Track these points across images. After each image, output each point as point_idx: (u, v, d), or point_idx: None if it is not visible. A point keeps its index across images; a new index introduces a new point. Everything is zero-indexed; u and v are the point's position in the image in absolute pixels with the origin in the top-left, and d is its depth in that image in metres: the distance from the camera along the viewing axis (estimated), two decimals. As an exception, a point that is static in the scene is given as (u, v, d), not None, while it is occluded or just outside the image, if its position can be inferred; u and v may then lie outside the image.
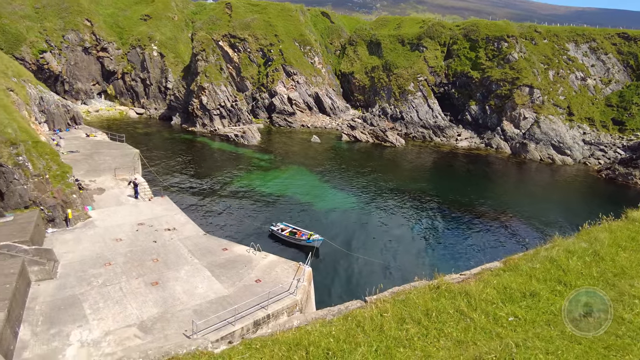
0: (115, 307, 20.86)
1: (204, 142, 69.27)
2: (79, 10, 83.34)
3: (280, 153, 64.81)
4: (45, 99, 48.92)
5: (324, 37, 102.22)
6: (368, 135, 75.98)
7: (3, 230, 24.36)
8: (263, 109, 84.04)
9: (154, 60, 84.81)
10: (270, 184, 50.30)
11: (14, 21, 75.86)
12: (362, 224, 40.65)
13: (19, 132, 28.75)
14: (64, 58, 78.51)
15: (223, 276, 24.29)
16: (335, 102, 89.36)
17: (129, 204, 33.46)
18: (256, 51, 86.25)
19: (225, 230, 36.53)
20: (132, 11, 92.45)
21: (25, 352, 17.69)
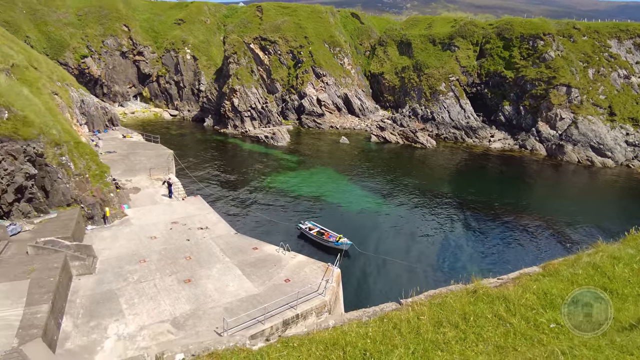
0: (149, 303, 21.47)
1: (235, 143, 70.47)
2: (118, 16, 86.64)
3: (309, 154, 65.07)
4: (85, 102, 51.06)
5: (353, 38, 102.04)
6: (398, 136, 75.19)
7: (48, 226, 25.60)
8: (292, 110, 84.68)
9: (187, 63, 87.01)
10: (298, 185, 50.60)
11: (59, 28, 79.69)
12: (391, 226, 40.23)
13: (62, 134, 30.14)
14: (103, 62, 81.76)
15: (253, 275, 24.59)
16: (365, 103, 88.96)
17: (163, 203, 34.44)
18: (286, 53, 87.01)
19: (255, 229, 36.99)
20: (167, 16, 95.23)
21: (67, 342, 18.49)
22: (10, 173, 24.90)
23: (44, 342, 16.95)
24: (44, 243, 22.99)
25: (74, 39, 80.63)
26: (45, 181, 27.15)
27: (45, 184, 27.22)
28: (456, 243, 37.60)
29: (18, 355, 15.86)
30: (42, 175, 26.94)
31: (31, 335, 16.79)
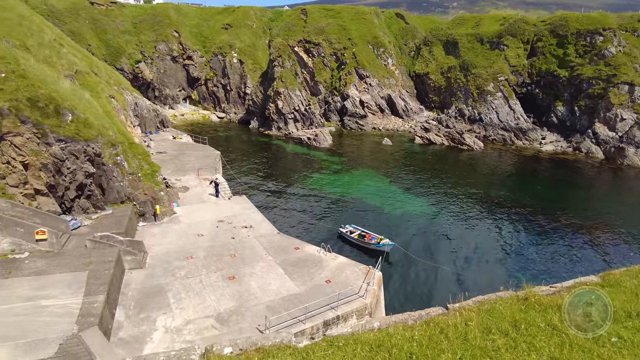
0: (195, 298, 22.23)
1: (279, 144, 71.60)
2: (169, 22, 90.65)
3: (351, 155, 64.91)
4: (139, 105, 53.80)
5: (398, 38, 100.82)
6: (443, 137, 73.38)
7: (103, 222, 27.20)
8: (335, 112, 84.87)
9: (234, 66, 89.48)
10: (340, 186, 50.59)
11: (116, 36, 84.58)
12: (435, 230, 39.29)
13: (117, 135, 31.92)
14: (155, 67, 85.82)
15: (295, 274, 24.84)
16: (409, 104, 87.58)
17: (210, 202, 35.59)
18: (330, 55, 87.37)
19: (296, 229, 37.37)
20: (215, 21, 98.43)
21: (120, 332, 19.52)
22: (72, 171, 26.70)
23: (99, 330, 18.01)
24: (100, 238, 24.43)
25: (129, 45, 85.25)
26: (102, 179, 28.88)
27: (102, 182, 28.94)
28: (504, 249, 36.11)
29: (78, 340, 16.95)
30: (100, 174, 28.67)
31: (89, 323, 17.89)
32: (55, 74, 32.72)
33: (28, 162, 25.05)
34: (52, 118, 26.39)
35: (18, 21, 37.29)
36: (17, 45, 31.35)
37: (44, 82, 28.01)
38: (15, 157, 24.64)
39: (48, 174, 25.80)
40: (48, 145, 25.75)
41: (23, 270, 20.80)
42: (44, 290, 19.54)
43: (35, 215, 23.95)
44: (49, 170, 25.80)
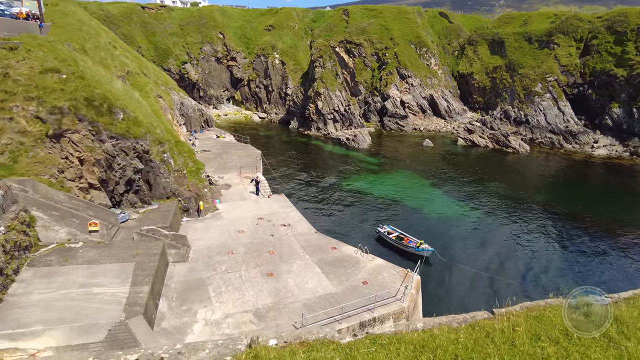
0: (234, 293, 22.75)
1: (318, 144, 71.99)
2: (214, 24, 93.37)
3: (390, 156, 64.18)
4: (185, 104, 55.77)
5: (441, 38, 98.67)
6: (487, 139, 71.05)
7: (150, 216, 28.42)
8: (375, 112, 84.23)
9: (276, 67, 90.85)
10: (378, 187, 50.15)
11: (164, 38, 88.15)
12: (475, 236, 38.10)
13: (165, 133, 33.26)
14: (200, 68, 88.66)
15: (332, 274, 24.88)
16: (451, 105, 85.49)
17: (250, 199, 36.35)
18: (371, 55, 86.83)
19: (333, 229, 37.42)
20: (258, 22, 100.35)
21: (163, 322, 20.32)
22: (122, 167, 28.09)
23: (144, 319, 18.84)
24: (147, 231, 25.53)
25: (176, 47, 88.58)
26: (149, 175, 30.19)
27: (150, 178, 30.26)
28: (550, 258, 34.47)
29: (125, 327, 17.82)
30: (147, 170, 29.98)
31: (134, 311, 18.76)
32: (109, 75, 34.56)
33: (83, 157, 26.61)
34: (106, 116, 27.89)
35: (78, 26, 39.69)
36: (77, 48, 33.37)
37: (99, 83, 29.66)
38: (72, 152, 26.24)
39: (100, 169, 27.29)
40: (101, 142, 27.24)
41: (77, 258, 22.10)
42: (95, 278, 20.68)
43: (88, 207, 25.39)
44: (102, 165, 27.29)
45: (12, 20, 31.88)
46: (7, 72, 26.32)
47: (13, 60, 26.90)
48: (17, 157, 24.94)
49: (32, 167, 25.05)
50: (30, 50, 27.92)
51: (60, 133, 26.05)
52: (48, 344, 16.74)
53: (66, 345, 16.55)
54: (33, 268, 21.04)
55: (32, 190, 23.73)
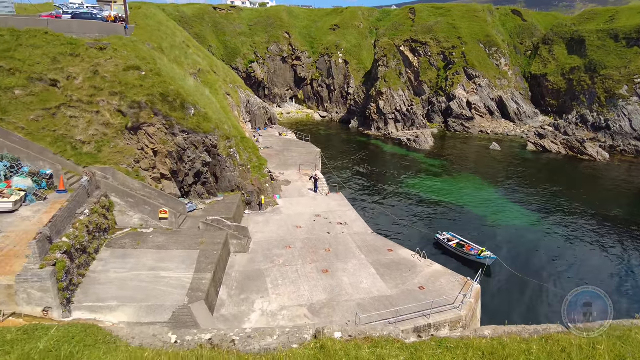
0: (290, 287, 23.27)
1: (378, 144, 71.36)
2: (281, 24, 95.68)
3: (454, 159, 62.01)
4: (250, 102, 57.79)
5: (513, 37, 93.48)
6: (560, 145, 66.33)
7: (215, 207, 29.87)
8: (439, 113, 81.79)
9: (339, 67, 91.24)
10: (439, 191, 48.68)
11: (234, 38, 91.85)
12: (545, 247, 35.76)
13: (232, 129, 34.74)
14: (266, 67, 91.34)
15: (387, 276, 24.63)
16: (522, 107, 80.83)
17: (309, 196, 36.94)
18: (437, 55, 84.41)
19: (390, 231, 36.94)
20: (323, 22, 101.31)
21: (222, 309, 21.29)
22: (192, 160, 29.76)
23: (205, 305, 19.87)
24: (212, 221, 26.86)
25: (244, 46, 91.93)
26: (216, 169, 31.71)
27: (216, 171, 31.78)
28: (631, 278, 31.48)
29: (187, 311, 18.92)
30: (215, 164, 31.50)
31: (197, 297, 19.84)
32: (182, 72, 36.71)
33: (157, 149, 28.54)
34: (178, 111, 29.68)
35: (157, 27, 42.55)
36: (155, 47, 35.80)
37: (174, 80, 31.62)
38: (148, 144, 28.25)
39: (172, 160, 29.12)
40: (174, 136, 29.04)
41: (148, 243, 23.79)
42: (163, 262, 22.15)
43: (160, 196, 27.21)
44: (173, 157, 29.11)
45: (103, 23, 34.91)
46: (96, 70, 28.90)
47: (102, 59, 29.46)
48: (101, 147, 27.32)
49: (113, 156, 27.31)
50: (116, 49, 30.41)
51: (138, 126, 28.15)
52: (121, 319, 18.23)
53: (136, 322, 17.92)
54: (110, 249, 22.97)
55: (112, 177, 25.88)
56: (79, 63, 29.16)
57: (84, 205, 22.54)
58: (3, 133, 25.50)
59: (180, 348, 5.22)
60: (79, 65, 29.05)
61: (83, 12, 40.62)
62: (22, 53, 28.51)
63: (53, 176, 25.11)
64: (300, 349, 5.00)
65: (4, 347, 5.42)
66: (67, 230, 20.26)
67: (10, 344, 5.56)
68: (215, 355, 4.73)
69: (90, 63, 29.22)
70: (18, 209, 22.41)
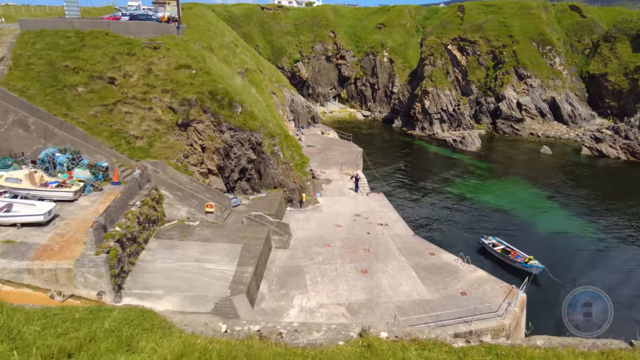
0: (329, 285, 23.39)
1: (421, 145, 70.02)
2: (326, 23, 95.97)
3: (501, 162, 59.71)
4: (294, 101, 58.48)
5: (569, 34, 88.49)
6: (620, 150, 62.12)
7: (258, 203, 30.55)
8: (487, 113, 79.00)
9: (384, 66, 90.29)
10: (484, 194, 47.05)
11: (280, 37, 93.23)
12: (599, 259, 33.68)
13: (276, 127, 35.35)
14: (310, 66, 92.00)
15: (428, 280, 24.19)
16: (577, 109, 76.47)
17: (349, 196, 36.91)
18: (486, 54, 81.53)
19: (432, 233, 36.17)
20: (369, 21, 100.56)
21: (262, 303, 21.76)
22: (238, 156, 30.60)
23: (246, 298, 20.39)
24: (255, 217, 27.50)
25: (290, 45, 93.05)
26: (260, 166, 32.42)
27: (260, 168, 32.48)
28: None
29: (229, 303, 19.50)
30: (259, 161, 32.21)
31: (239, 289, 20.40)
32: (230, 71, 37.77)
33: (205, 145, 29.57)
34: (226, 109, 30.58)
35: (207, 27, 44.01)
36: (205, 46, 37.06)
37: (222, 78, 32.60)
38: (196, 140, 29.34)
39: (219, 157, 30.06)
40: (221, 133, 29.97)
41: (194, 235, 24.73)
42: (207, 254, 22.95)
43: (206, 191, 28.18)
44: (220, 154, 30.04)
45: (157, 23, 36.59)
46: (150, 68, 30.34)
47: (156, 57, 30.90)
48: (153, 142, 28.68)
49: (163, 151, 28.60)
50: (169, 49, 31.78)
51: (187, 122, 29.29)
52: (167, 307, 19.08)
53: (180, 311, 18.67)
54: (158, 240, 24.08)
55: (162, 171, 27.11)
56: (135, 62, 30.75)
57: (136, 197, 23.77)
58: (67, 127, 27.38)
59: (230, 337, 5.43)
60: (134, 64, 30.64)
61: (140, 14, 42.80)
62: (85, 53, 30.46)
63: (108, 168, 26.69)
64: (347, 346, 5.05)
65: (73, 324, 5.95)
66: (120, 220, 21.46)
67: (79, 322, 6.06)
68: (264, 347, 4.88)
69: (145, 62, 30.73)
70: (77, 198, 24.01)
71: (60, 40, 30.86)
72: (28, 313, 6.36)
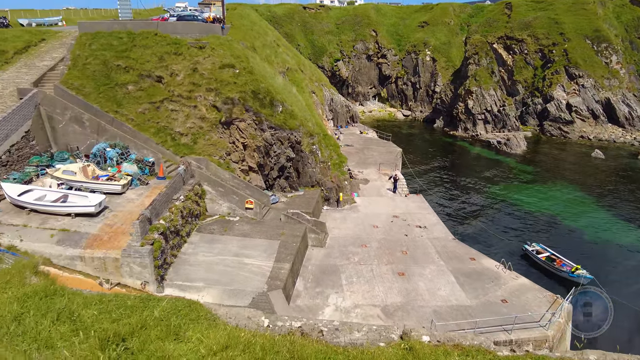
0: (365, 285, 23.30)
1: (463, 146, 68.16)
2: (368, 22, 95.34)
3: (548, 166, 57.07)
4: (334, 100, 58.54)
5: (629, 30, 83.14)
6: (682, 156, 57.76)
7: (296, 201, 30.87)
8: (534, 115, 75.72)
9: (426, 64, 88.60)
10: (529, 199, 45.13)
11: (321, 36, 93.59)
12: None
13: (315, 126, 35.55)
14: (351, 65, 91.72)
15: (467, 286, 23.59)
16: (635, 111, 71.77)
17: (387, 196, 36.54)
18: (534, 52, 78.10)
19: (473, 238, 35.12)
20: (411, 19, 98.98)
21: (298, 299, 21.99)
22: (277, 155, 31.05)
23: (283, 294, 20.69)
24: (292, 214, 27.82)
25: (331, 45, 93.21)
26: (299, 164, 32.72)
27: (299, 166, 32.79)
28: None
29: (266, 298, 19.86)
30: (298, 159, 32.52)
31: (275, 285, 20.73)
32: (272, 71, 38.35)
33: (247, 143, 30.21)
34: (267, 108, 31.09)
35: (250, 27, 44.90)
36: (248, 46, 37.83)
37: (264, 78, 33.16)
38: (238, 138, 30.03)
39: (259, 154, 30.63)
40: (262, 131, 30.51)
41: (234, 230, 25.35)
42: (246, 249, 23.47)
43: (247, 187, 28.81)
44: (260, 152, 30.60)
45: (203, 23, 37.71)
46: (195, 67, 31.36)
47: (201, 57, 31.89)
48: (197, 139, 29.63)
49: (207, 148, 29.47)
50: (214, 48, 32.70)
51: (230, 121, 30.03)
52: (207, 299, 19.68)
53: (219, 303, 19.22)
54: (200, 233, 24.88)
55: (205, 167, 27.95)
56: (181, 61, 31.88)
57: (180, 192, 24.68)
58: (117, 124, 28.82)
59: (272, 332, 5.56)
60: (181, 63, 31.77)
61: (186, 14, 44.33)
62: (136, 52, 31.92)
63: (154, 163, 27.85)
64: (388, 348, 5.04)
65: (126, 310, 6.35)
66: (164, 213, 22.35)
67: (131, 309, 6.45)
68: (306, 343, 4.97)
69: (191, 61, 31.79)
70: (125, 191, 25.23)
71: (114, 41, 32.53)
72: (86, 298, 6.86)
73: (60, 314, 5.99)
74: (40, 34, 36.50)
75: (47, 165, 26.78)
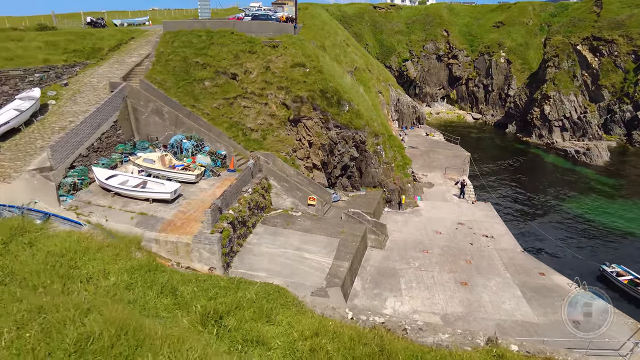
0: (424, 292, 22.81)
1: (537, 154, 64.07)
2: (440, 22, 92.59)
3: (635, 179, 51.97)
4: (400, 101, 57.65)
5: None
6: None
7: (357, 200, 30.93)
8: (620, 123, 69.24)
9: (500, 66, 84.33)
10: (610, 215, 41.39)
11: (390, 36, 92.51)
12: None
13: (380, 127, 35.31)
14: (420, 65, 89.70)
15: (535, 301, 22.27)
16: None
17: (452, 202, 35.37)
18: (626, 54, 71.23)
19: (543, 253, 32.96)
20: (486, 19, 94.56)
21: (355, 299, 22.05)
22: (341, 153, 31.28)
23: (341, 292, 20.85)
24: (353, 213, 27.90)
25: (400, 44, 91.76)
26: (362, 164, 32.71)
27: (362, 166, 32.77)
28: None
29: (324, 294, 20.13)
30: (361, 159, 32.53)
31: (334, 282, 20.94)
32: (340, 70, 38.62)
33: (312, 141, 30.74)
34: (334, 107, 31.40)
35: (321, 26, 45.51)
36: (318, 45, 38.39)
37: (333, 77, 33.49)
38: (305, 136, 30.65)
39: (324, 153, 31.04)
40: (328, 130, 30.88)
41: (296, 225, 25.95)
42: (307, 245, 23.93)
43: (310, 184, 29.34)
44: (325, 150, 30.99)
45: (276, 23, 38.85)
46: (268, 66, 32.43)
47: (274, 55, 32.91)
48: (266, 135, 30.67)
49: (275, 144, 30.41)
50: (286, 47, 33.59)
51: (298, 118, 30.73)
52: (268, 290, 20.37)
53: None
54: (264, 226, 25.76)
55: (272, 163, 28.87)
56: (255, 59, 33.11)
57: (248, 185, 25.72)
58: (194, 117, 30.62)
59: (356, 324, 5.72)
60: (254, 61, 33.01)
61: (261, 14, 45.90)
62: (213, 50, 33.67)
63: (226, 156, 29.23)
64: (476, 353, 4.98)
65: (220, 290, 6.87)
66: (233, 204, 23.42)
67: (224, 289, 6.97)
68: (394, 340, 5.06)
69: (264, 59, 32.92)
70: (198, 181, 26.75)
71: (194, 39, 34.56)
72: (183, 275, 7.49)
73: (164, 288, 6.60)
74: (130, 33, 39.75)
75: (130, 153, 29.10)
